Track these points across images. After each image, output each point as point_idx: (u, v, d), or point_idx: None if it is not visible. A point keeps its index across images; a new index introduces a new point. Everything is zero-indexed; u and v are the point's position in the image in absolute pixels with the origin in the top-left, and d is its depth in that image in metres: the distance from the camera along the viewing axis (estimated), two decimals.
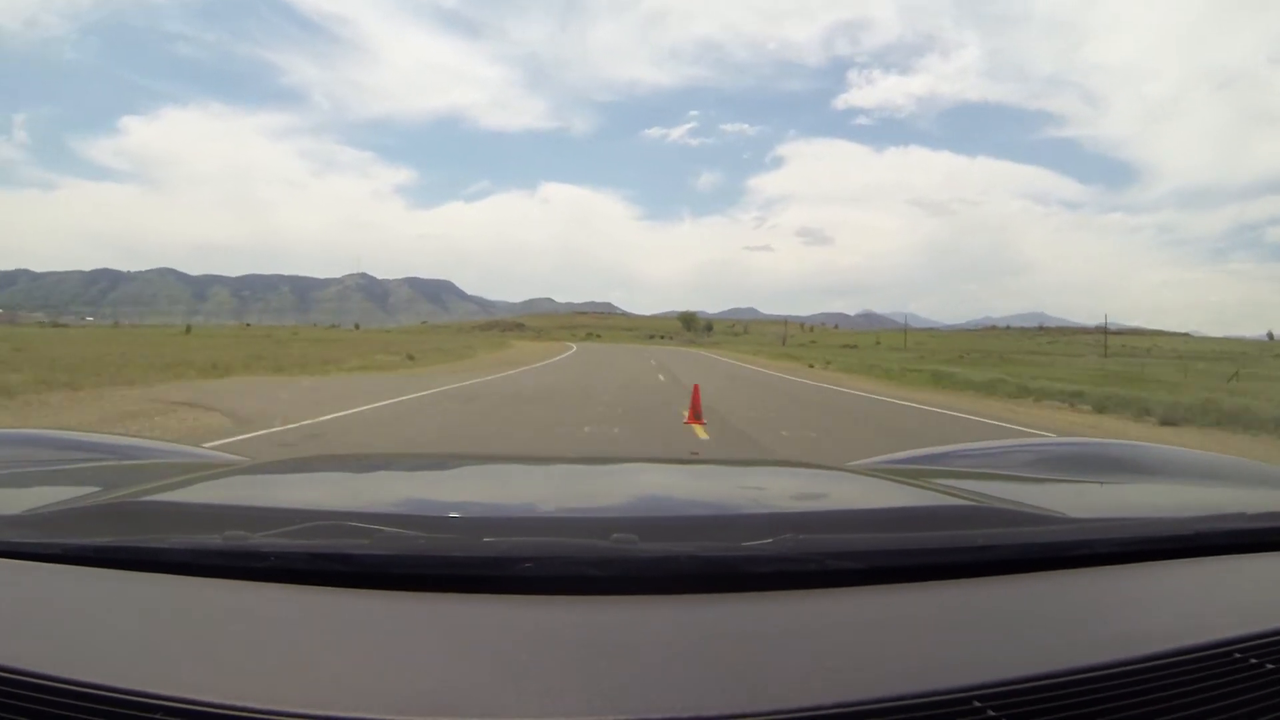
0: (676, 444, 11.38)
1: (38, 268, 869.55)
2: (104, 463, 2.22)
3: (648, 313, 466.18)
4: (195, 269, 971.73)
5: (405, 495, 1.86)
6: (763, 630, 0.99)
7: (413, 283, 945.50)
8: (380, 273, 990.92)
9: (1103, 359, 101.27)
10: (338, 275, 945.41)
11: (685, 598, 1.06)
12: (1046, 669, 0.89)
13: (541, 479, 2.07)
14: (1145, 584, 1.21)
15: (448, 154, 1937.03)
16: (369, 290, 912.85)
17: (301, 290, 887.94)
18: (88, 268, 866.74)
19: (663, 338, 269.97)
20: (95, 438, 2.76)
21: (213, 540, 1.15)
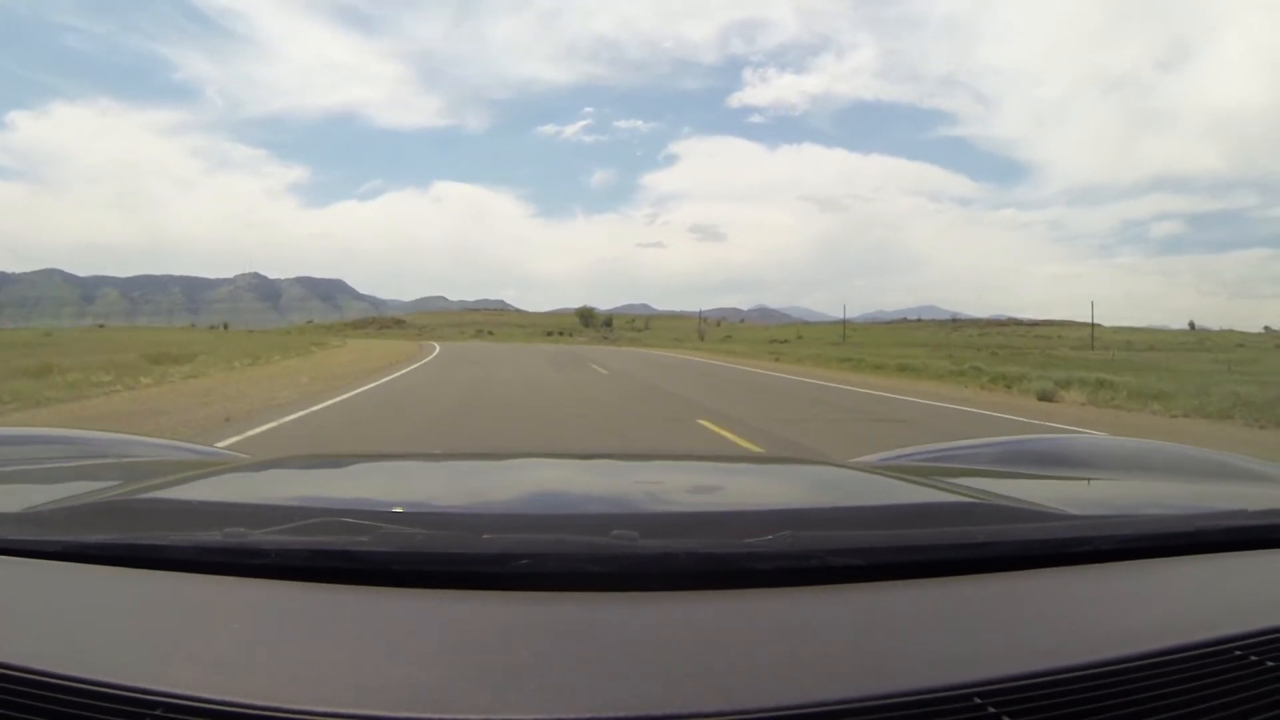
0: None
1: None
2: (104, 460, 2.20)
3: (542, 310, 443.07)
4: (84, 270, 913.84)
5: (405, 492, 1.84)
6: (763, 626, 0.99)
7: (305, 282, 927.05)
8: (273, 272, 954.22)
9: (1088, 351, 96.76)
10: (229, 275, 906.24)
11: (685, 594, 1.04)
12: (1047, 665, 0.88)
13: (541, 475, 2.06)
14: (1146, 581, 1.20)
15: (341, 152, 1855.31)
16: (261, 290, 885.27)
17: (193, 290, 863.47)
18: None
19: (562, 334, 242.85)
20: (96, 435, 2.73)
21: (213, 537, 1.13)
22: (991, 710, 0.82)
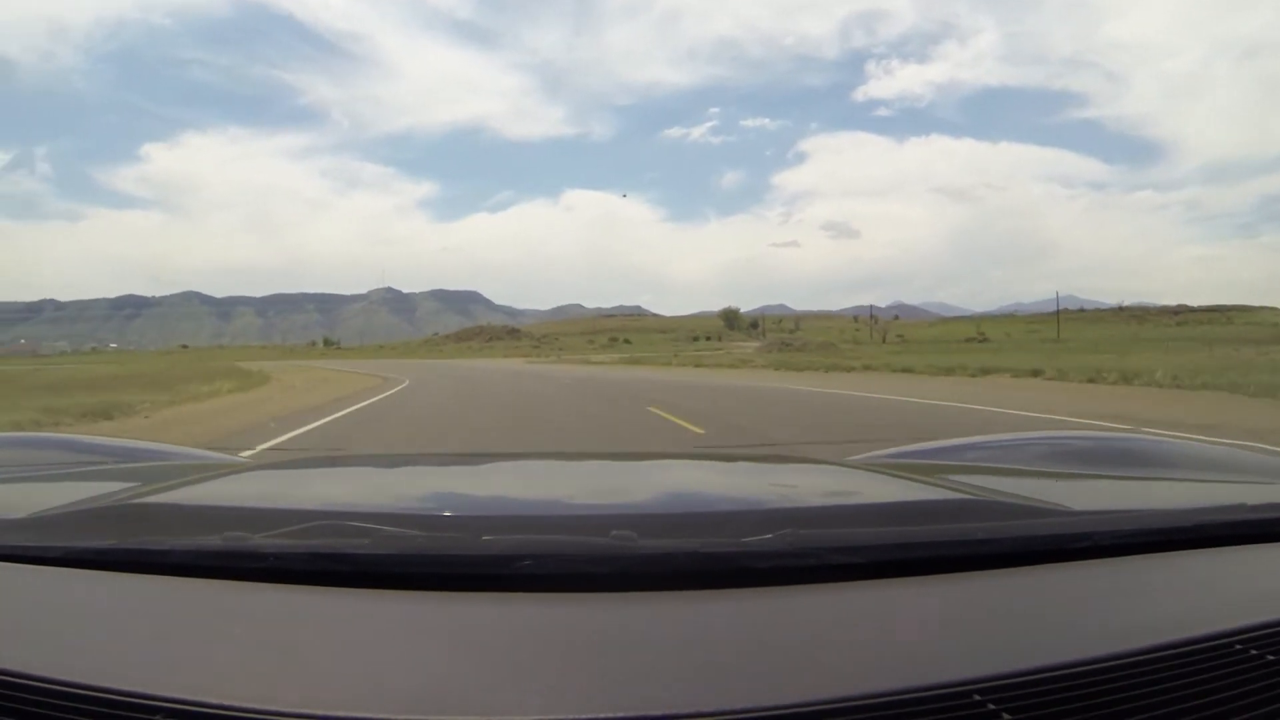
0: None
1: (63, 297, 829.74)
2: (103, 465, 2.22)
3: (679, 314, 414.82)
4: (220, 291, 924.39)
5: (404, 495, 1.85)
6: (762, 625, 0.98)
7: (439, 295, 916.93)
8: (406, 287, 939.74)
9: None
10: (363, 291, 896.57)
11: (685, 594, 1.04)
12: (1047, 661, 0.87)
13: (540, 476, 2.06)
14: (1146, 576, 1.19)
15: (469, 166, 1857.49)
16: (395, 304, 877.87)
17: (327, 307, 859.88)
18: (113, 294, 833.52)
19: (707, 339, 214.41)
20: (95, 440, 2.74)
21: (213, 541, 1.14)
22: (991, 707, 0.82)
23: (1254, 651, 0.94)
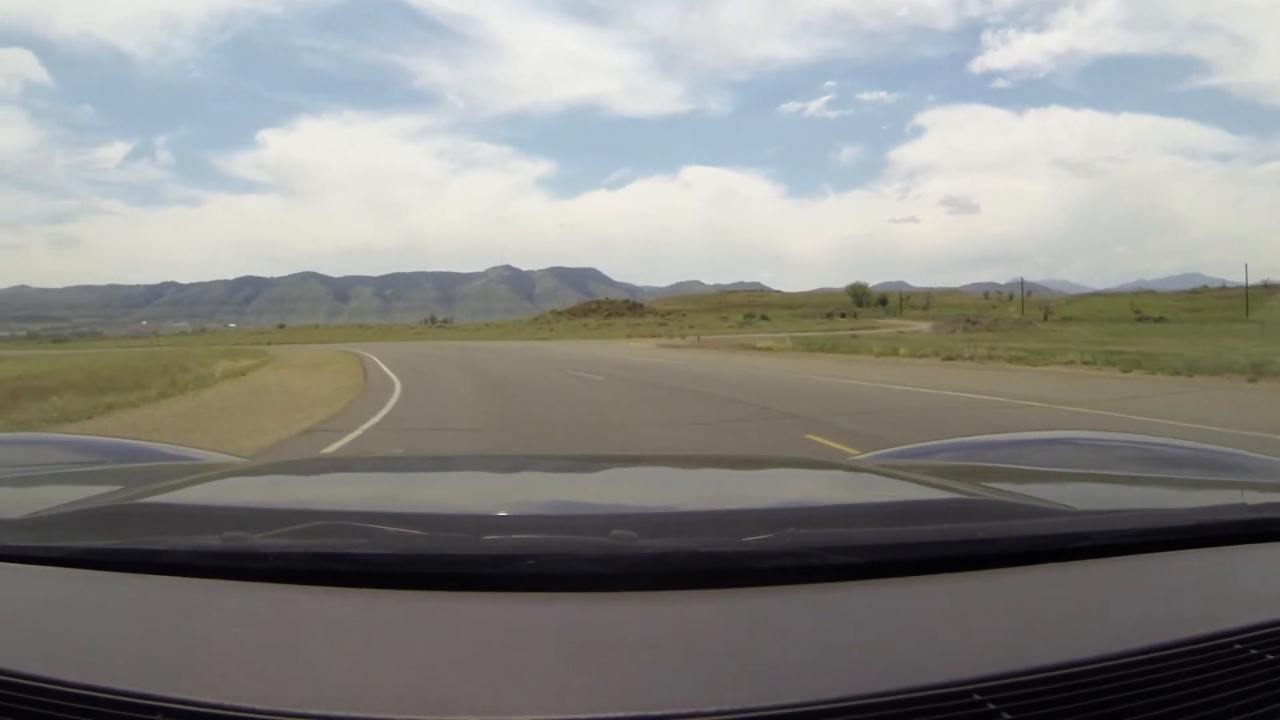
0: None
1: (184, 279, 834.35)
2: (103, 465, 2.22)
3: (798, 290, 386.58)
4: (337, 271, 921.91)
5: (404, 494, 1.85)
6: (763, 625, 0.98)
7: (557, 272, 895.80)
8: (525, 264, 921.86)
9: None
10: (481, 269, 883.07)
11: (686, 593, 1.03)
12: (1047, 661, 0.87)
13: (541, 476, 2.06)
14: (1146, 576, 1.19)
15: (586, 144, 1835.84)
16: (514, 282, 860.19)
17: (445, 285, 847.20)
18: (231, 276, 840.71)
19: (842, 315, 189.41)
20: (94, 440, 2.75)
21: (212, 541, 1.14)
22: (991, 706, 0.82)
23: (1254, 651, 0.94)
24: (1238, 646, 0.94)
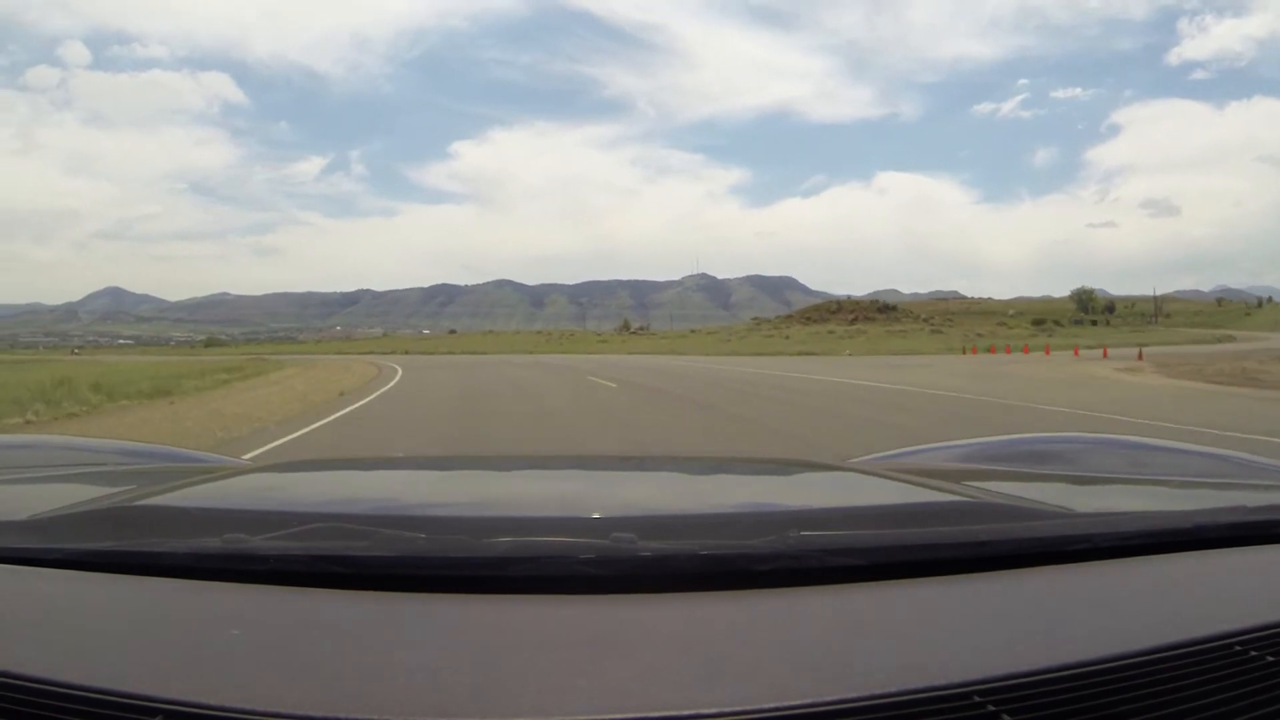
0: None
1: (379, 287, 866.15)
2: (103, 468, 2.23)
3: (994, 298, 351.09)
4: (532, 279, 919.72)
5: (405, 497, 1.86)
6: (763, 627, 0.98)
7: (754, 280, 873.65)
8: (721, 272, 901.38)
9: None
10: (676, 277, 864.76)
11: (685, 595, 1.04)
12: (1046, 663, 0.87)
13: (541, 479, 2.07)
14: (1145, 578, 1.19)
15: (778, 150, 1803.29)
16: (710, 290, 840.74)
17: (640, 293, 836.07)
18: (426, 284, 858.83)
19: (1059, 324, 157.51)
20: (95, 442, 2.81)
21: (212, 543, 1.14)
22: (991, 708, 0.82)
23: (1254, 653, 0.94)
24: (1238, 648, 0.94)
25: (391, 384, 28.23)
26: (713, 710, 0.78)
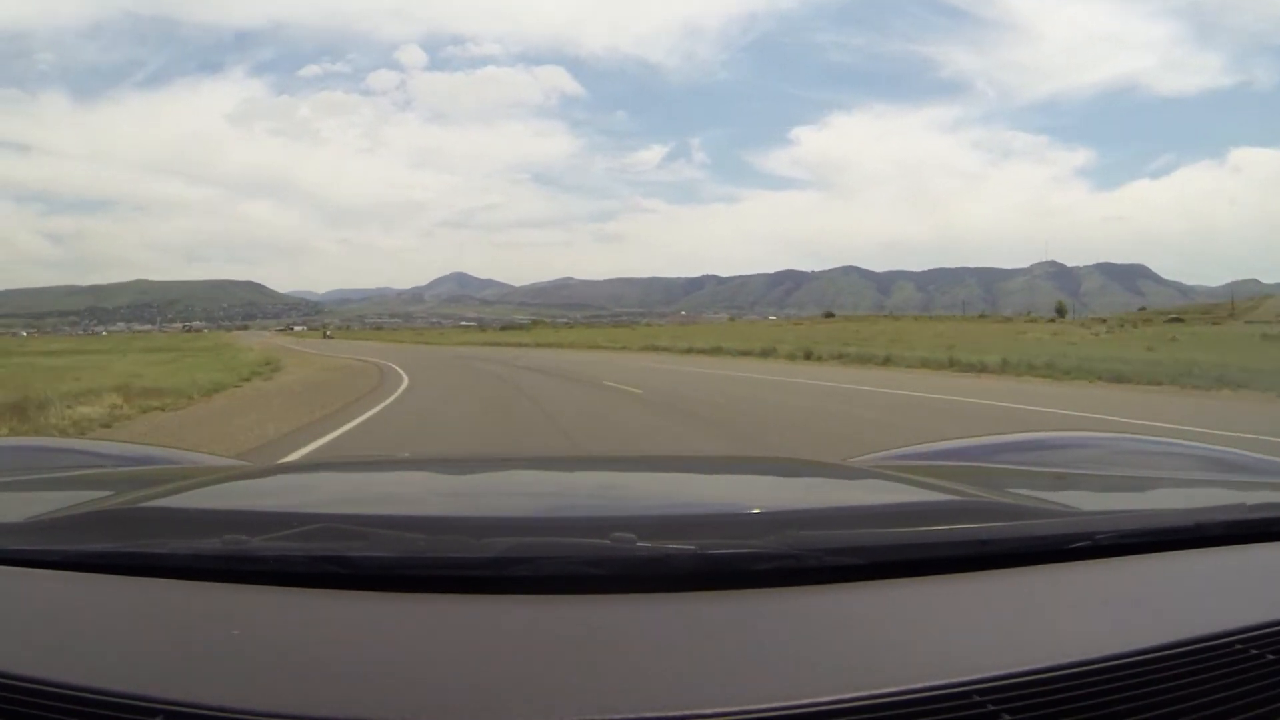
0: None
1: (724, 273, 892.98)
2: (104, 469, 2.26)
3: None
4: (879, 266, 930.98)
5: (404, 497, 1.88)
6: (762, 627, 0.99)
7: (1105, 269, 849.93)
8: (1070, 260, 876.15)
9: None
10: (1024, 265, 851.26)
11: (684, 595, 1.05)
12: (1047, 662, 0.88)
13: (539, 479, 2.09)
14: (1146, 576, 1.20)
15: (1124, 128, 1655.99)
16: (1059, 279, 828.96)
17: (988, 281, 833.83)
18: (771, 270, 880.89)
19: None
20: (96, 444, 2.83)
21: (212, 545, 1.15)
22: (991, 707, 0.82)
23: (1254, 651, 0.95)
24: (1238, 646, 0.95)
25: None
26: (712, 710, 0.79)
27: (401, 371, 31.94)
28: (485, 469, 2.36)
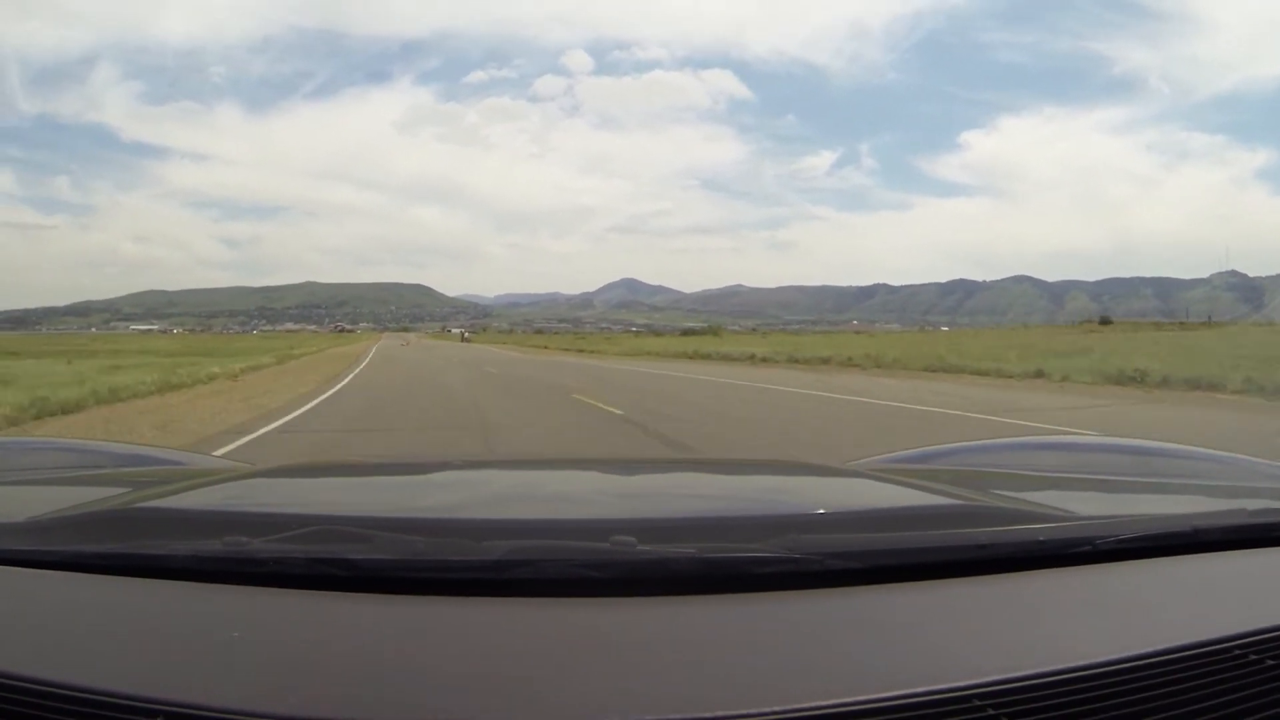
0: None
1: (895, 282, 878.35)
2: (104, 470, 2.26)
3: None
4: (1051, 275, 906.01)
5: (405, 500, 1.88)
6: (763, 630, 0.99)
7: None
8: (1254, 270, 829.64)
9: None
10: (1203, 275, 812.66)
11: (685, 599, 1.05)
12: (1047, 667, 0.88)
13: (540, 482, 2.10)
14: (1146, 581, 1.20)
15: None
16: (1241, 289, 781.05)
17: (1165, 291, 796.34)
18: (943, 279, 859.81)
19: None
20: (96, 444, 2.81)
21: (213, 546, 1.15)
22: (991, 712, 0.83)
23: (1254, 656, 0.95)
24: (1238, 652, 0.96)
25: None
26: (712, 713, 0.79)
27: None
28: (487, 472, 2.35)
